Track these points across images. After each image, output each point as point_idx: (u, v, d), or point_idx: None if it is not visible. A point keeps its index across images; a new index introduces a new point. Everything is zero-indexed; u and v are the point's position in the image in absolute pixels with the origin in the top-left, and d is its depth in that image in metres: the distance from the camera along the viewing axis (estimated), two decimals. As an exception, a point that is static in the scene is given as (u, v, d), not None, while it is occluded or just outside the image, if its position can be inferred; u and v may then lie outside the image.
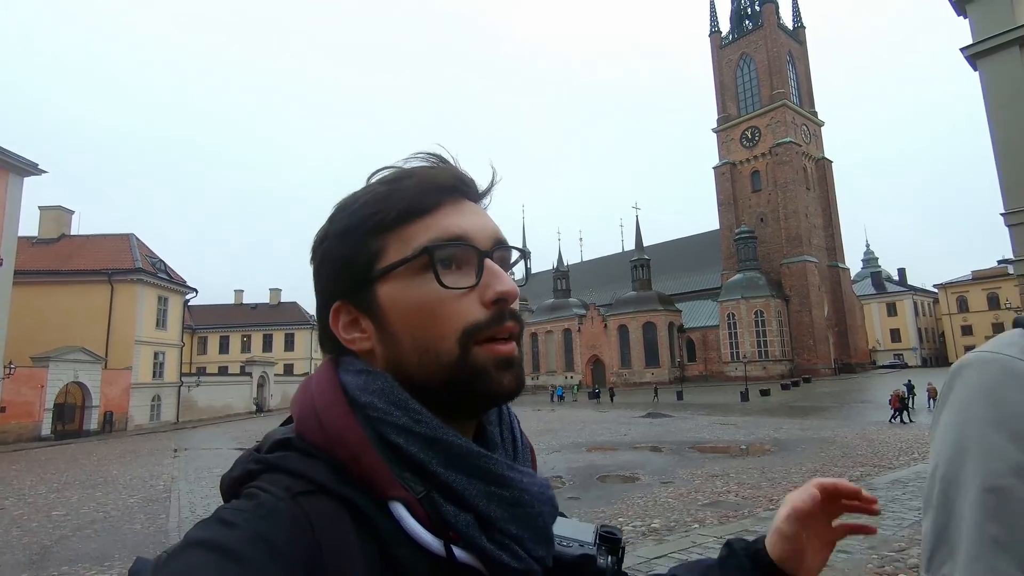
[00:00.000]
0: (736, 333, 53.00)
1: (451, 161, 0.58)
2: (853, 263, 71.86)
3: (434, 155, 0.57)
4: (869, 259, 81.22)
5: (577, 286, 72.10)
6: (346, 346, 0.54)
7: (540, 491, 0.53)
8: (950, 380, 0.59)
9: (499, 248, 0.55)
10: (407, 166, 0.57)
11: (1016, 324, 0.60)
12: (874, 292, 73.93)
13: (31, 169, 23.90)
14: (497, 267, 0.54)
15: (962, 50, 9.54)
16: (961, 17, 9.73)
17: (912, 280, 79.79)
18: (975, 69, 9.68)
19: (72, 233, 32.34)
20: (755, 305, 52.10)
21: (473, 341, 0.51)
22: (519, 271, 0.63)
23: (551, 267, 74.13)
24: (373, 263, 0.52)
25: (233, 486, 0.49)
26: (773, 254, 55.48)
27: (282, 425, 0.55)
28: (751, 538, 0.68)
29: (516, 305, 0.54)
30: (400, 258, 0.52)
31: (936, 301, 73.30)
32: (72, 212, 32.96)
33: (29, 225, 27.94)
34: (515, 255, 0.58)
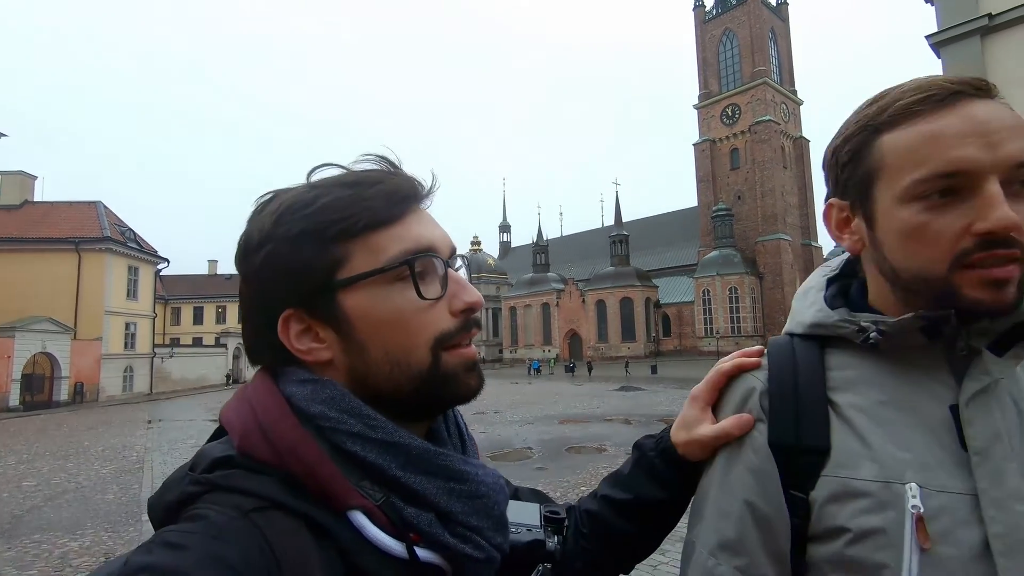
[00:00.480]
0: (711, 309, 54.11)
1: (398, 165, 0.56)
2: (827, 241, 73.25)
3: (383, 158, 0.56)
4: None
5: (556, 261, 72.44)
6: (300, 357, 0.52)
7: (494, 481, 0.54)
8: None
9: (454, 256, 0.56)
10: (356, 168, 0.55)
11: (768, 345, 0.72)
12: (845, 270, 75.79)
13: (-11, 132, 22.98)
14: (460, 277, 0.55)
15: (927, 38, 9.73)
16: (928, 4, 9.92)
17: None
18: (939, 57, 9.91)
19: (36, 199, 31.27)
20: (730, 282, 53.13)
21: (442, 348, 0.52)
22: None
23: (531, 241, 74.22)
24: (335, 271, 0.50)
25: (170, 511, 0.46)
26: (749, 232, 56.38)
27: (211, 441, 0.52)
28: (656, 432, 0.77)
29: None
30: (372, 268, 0.50)
31: (903, 280, 75.46)
32: (35, 177, 31.76)
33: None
34: (460, 262, 0.59)
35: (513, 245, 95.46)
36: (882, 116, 0.59)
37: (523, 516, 0.66)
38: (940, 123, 0.56)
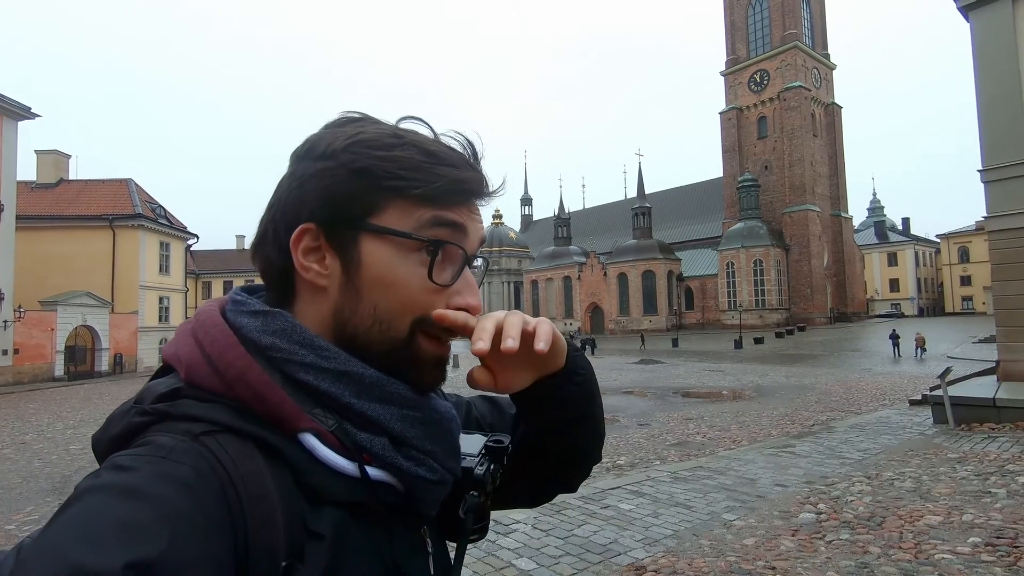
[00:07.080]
0: (735, 282, 53.40)
1: (480, 156, 0.57)
2: (858, 212, 71.30)
3: (469, 143, 0.57)
4: (875, 208, 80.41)
5: (579, 234, 72.03)
6: (298, 271, 0.53)
7: (447, 410, 0.57)
8: None
9: (476, 255, 0.57)
10: (444, 139, 0.56)
11: None
12: (876, 242, 73.64)
13: (24, 113, 23.74)
14: (472, 279, 0.56)
15: (955, 1, 9.35)
16: (959, -35, 9.49)
17: (916, 230, 79.36)
18: (968, 20, 9.51)
19: (70, 178, 32.31)
20: (755, 254, 52.25)
21: (420, 330, 0.53)
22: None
23: (552, 214, 73.75)
24: (369, 213, 0.52)
25: (116, 443, 0.46)
26: (776, 203, 55.05)
27: (155, 379, 0.53)
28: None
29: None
30: (403, 230, 0.51)
31: (938, 251, 73.09)
32: (69, 156, 32.79)
33: (26, 170, 27.92)
34: (479, 262, 0.60)
35: (535, 218, 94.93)
36: None
37: (466, 446, 0.64)
38: None
